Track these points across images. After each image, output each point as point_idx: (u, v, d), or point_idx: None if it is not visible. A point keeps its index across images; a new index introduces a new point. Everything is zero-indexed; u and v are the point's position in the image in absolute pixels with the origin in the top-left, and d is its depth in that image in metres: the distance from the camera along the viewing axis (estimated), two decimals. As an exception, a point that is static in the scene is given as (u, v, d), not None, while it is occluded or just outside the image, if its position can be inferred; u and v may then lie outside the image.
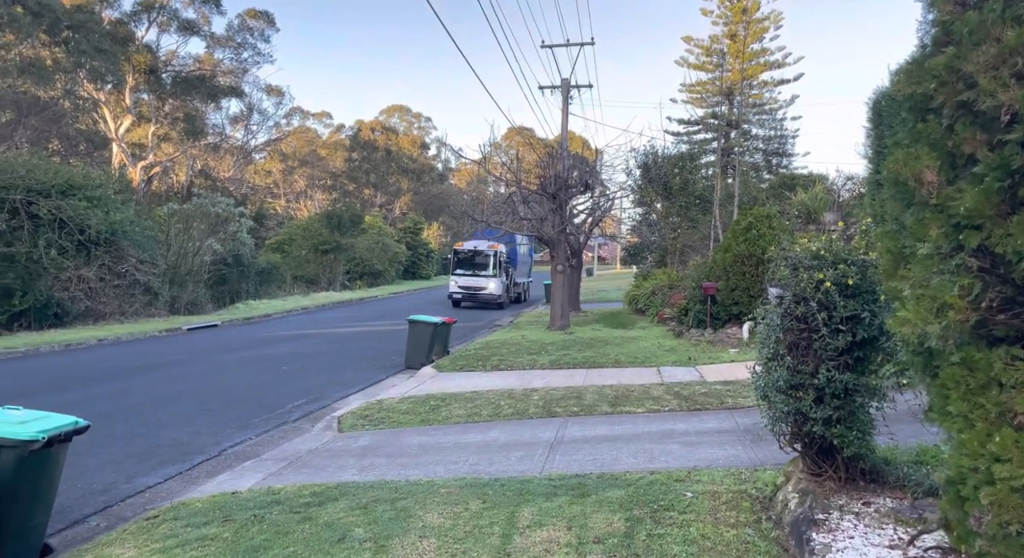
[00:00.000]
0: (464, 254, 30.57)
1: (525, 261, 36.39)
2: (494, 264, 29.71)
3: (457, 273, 30.16)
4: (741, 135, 42.01)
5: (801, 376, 4.43)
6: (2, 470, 4.49)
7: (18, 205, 19.71)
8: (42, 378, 12.19)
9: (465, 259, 30.40)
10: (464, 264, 30.28)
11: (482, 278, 29.53)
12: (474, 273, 29.80)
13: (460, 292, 29.59)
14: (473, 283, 29.50)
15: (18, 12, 29.71)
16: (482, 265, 29.97)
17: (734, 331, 15.14)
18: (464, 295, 29.32)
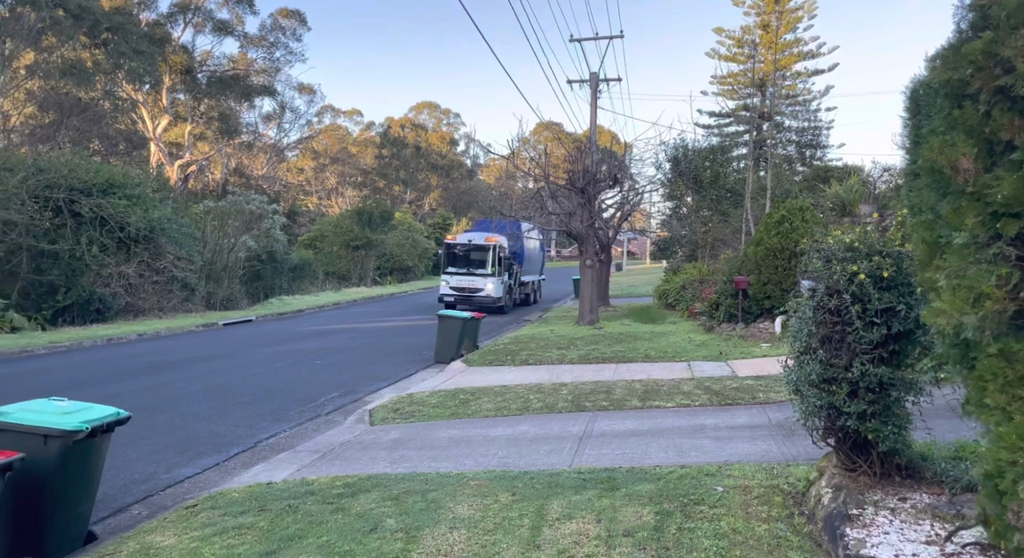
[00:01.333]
0: (457, 249, 25.90)
1: (534, 257, 31.15)
2: (493, 260, 24.97)
3: (449, 271, 25.57)
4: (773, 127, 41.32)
5: (834, 370, 4.37)
6: (48, 459, 4.66)
7: (61, 204, 20.32)
8: (85, 371, 12.57)
9: (458, 255, 25.79)
10: (457, 261, 25.67)
11: (478, 277, 24.94)
12: (469, 271, 25.20)
13: (452, 294, 25.03)
14: (467, 283, 24.93)
15: (60, 15, 30.54)
16: (478, 262, 25.28)
17: (766, 325, 14.93)
18: (457, 297, 24.79)
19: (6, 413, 4.76)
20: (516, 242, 27.35)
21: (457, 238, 26.60)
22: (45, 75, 33.74)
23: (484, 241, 25.37)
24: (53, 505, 4.75)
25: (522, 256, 28.09)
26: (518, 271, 27.73)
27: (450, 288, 25.20)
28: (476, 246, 25.56)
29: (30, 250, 19.56)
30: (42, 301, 19.97)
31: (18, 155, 23.92)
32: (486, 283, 24.80)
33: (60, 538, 4.86)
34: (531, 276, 30.27)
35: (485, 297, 24.44)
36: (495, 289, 24.86)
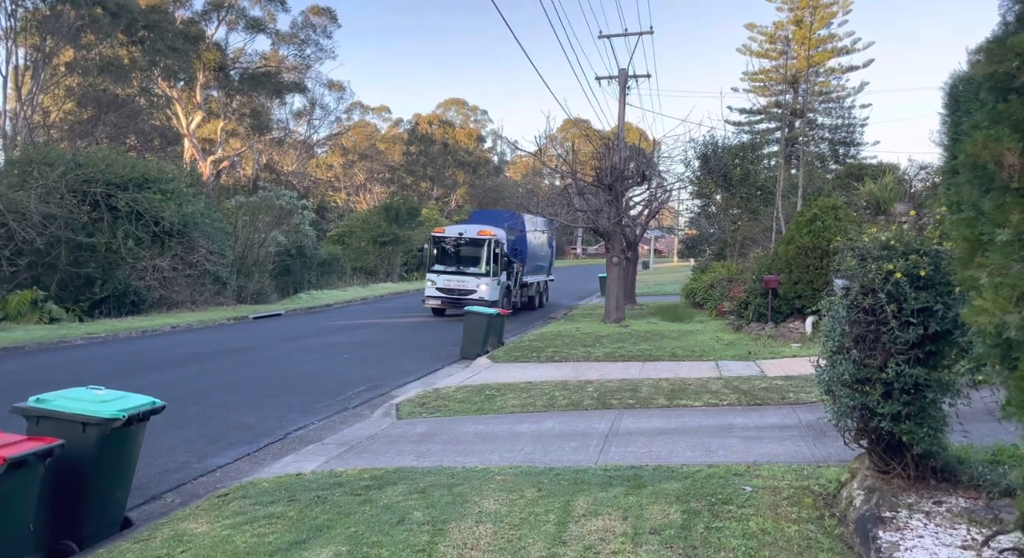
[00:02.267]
0: (445, 243, 22.16)
1: (540, 254, 26.73)
2: (488, 257, 21.23)
3: (435, 270, 21.77)
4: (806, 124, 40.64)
5: (868, 370, 4.29)
6: (86, 446, 4.77)
7: (99, 198, 20.81)
8: (121, 362, 12.87)
9: (446, 250, 22.03)
10: (445, 257, 21.97)
11: (470, 277, 21.23)
12: (459, 269, 21.51)
13: (439, 297, 21.44)
14: (457, 284, 21.30)
15: (98, 13, 31.25)
16: (470, 259, 21.63)
17: (796, 325, 14.72)
18: (444, 300, 21.40)
19: (46, 400, 4.89)
20: (518, 236, 24.02)
21: (446, 231, 22.81)
22: (84, 72, 34.56)
23: (477, 235, 21.79)
24: (91, 491, 4.87)
25: (524, 253, 24.22)
26: (519, 270, 23.82)
27: (436, 289, 21.53)
28: (468, 240, 21.90)
29: (68, 243, 20.07)
30: (80, 293, 20.47)
31: (58, 150, 24.57)
32: (479, 284, 21.10)
33: (97, 523, 4.98)
34: (536, 276, 26.17)
35: (478, 301, 20.35)
36: (489, 291, 21.07)
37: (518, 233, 23.94)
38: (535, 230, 25.54)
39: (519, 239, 23.99)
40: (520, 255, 23.91)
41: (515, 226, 23.73)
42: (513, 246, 23.36)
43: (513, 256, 23.24)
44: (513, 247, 23.32)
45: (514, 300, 23.66)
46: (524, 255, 24.14)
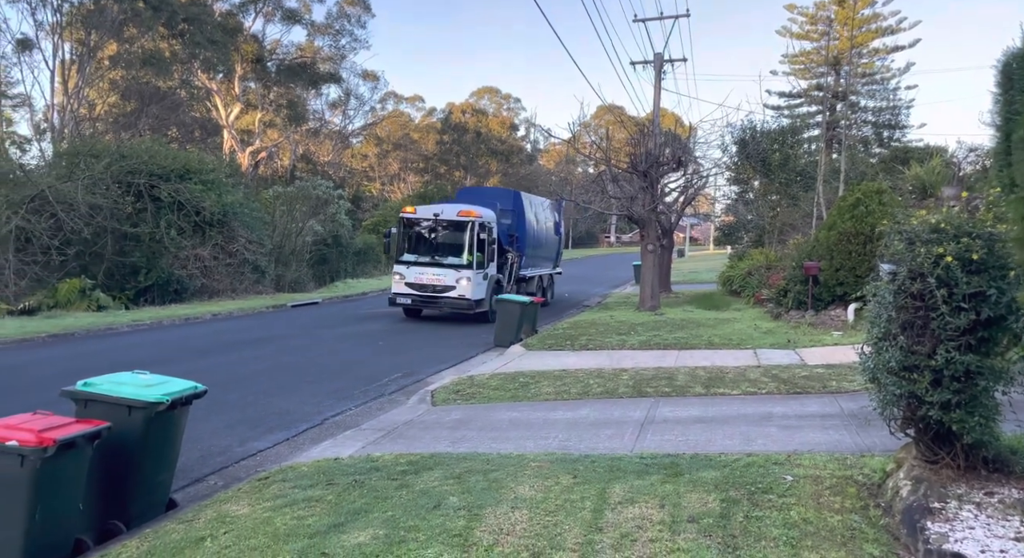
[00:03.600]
0: (418, 227, 17.97)
1: (544, 242, 22.21)
2: (471, 245, 17.22)
3: (405, 260, 17.66)
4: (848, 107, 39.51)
5: (916, 357, 4.15)
6: (132, 429, 4.90)
7: (142, 188, 21.34)
8: (165, 348, 13.21)
9: (420, 236, 17.95)
10: (418, 244, 17.89)
11: (447, 269, 17.18)
12: (434, 259, 17.48)
13: (409, 294, 17.43)
14: (432, 279, 17.27)
15: (140, 7, 31.94)
16: (448, 246, 17.66)
17: (838, 313, 14.38)
18: (416, 299, 17.47)
19: (93, 384, 5.02)
20: (514, 220, 19.82)
21: (418, 211, 18.44)
22: (127, 65, 35.38)
23: (457, 216, 17.55)
24: (137, 473, 5.00)
25: (522, 240, 19.90)
26: (515, 261, 19.49)
27: (406, 285, 17.45)
28: (445, 223, 17.73)
29: (114, 233, 20.64)
30: (125, 282, 21.07)
31: (103, 142, 25.26)
32: (459, 278, 17.02)
33: (143, 504, 5.12)
34: (538, 269, 21.64)
35: (457, 299, 16.98)
36: (472, 287, 17.00)
37: (514, 215, 19.84)
38: (537, 212, 21.59)
39: (516, 223, 19.83)
40: (517, 243, 19.70)
41: (510, 207, 19.79)
42: (507, 231, 19.45)
43: (507, 243, 19.31)
44: (507, 232, 19.43)
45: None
46: (522, 242, 19.89)
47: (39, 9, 31.65)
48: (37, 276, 19.00)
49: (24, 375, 10.55)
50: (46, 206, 19.47)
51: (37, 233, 18.95)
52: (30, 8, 31.56)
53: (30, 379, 10.21)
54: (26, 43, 32.54)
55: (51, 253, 19.06)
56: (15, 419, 4.37)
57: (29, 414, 4.49)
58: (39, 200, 19.53)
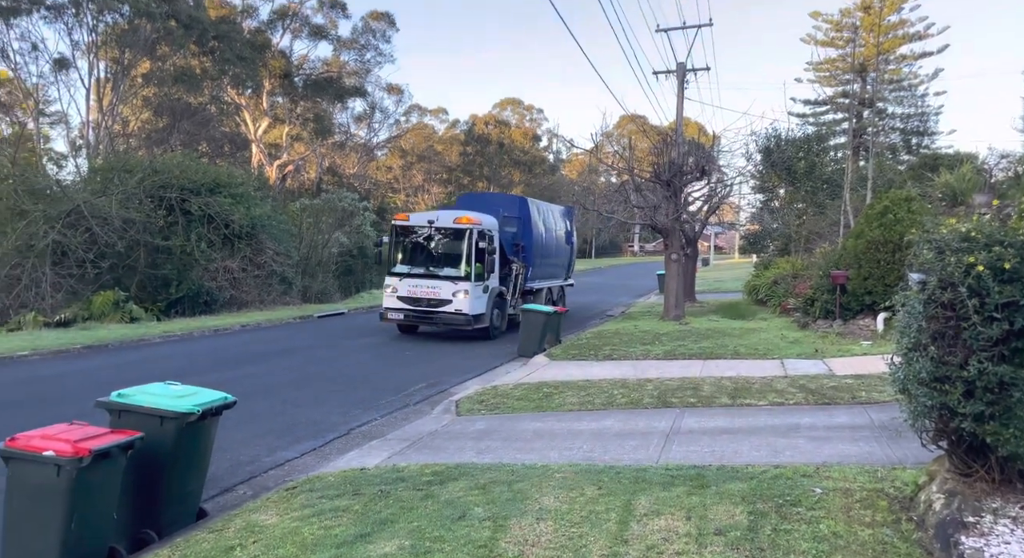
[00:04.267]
0: (411, 235, 16.73)
1: (554, 251, 20.63)
2: (469, 254, 15.89)
3: (397, 272, 16.48)
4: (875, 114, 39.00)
5: (947, 368, 4.08)
6: (164, 439, 4.99)
7: (173, 202, 21.80)
8: (195, 359, 13.44)
9: (414, 244, 16.71)
10: (412, 254, 16.68)
11: (443, 281, 15.93)
12: (428, 271, 16.28)
13: (402, 309, 16.22)
14: (426, 292, 15.98)
15: (172, 26, 32.75)
16: (444, 256, 16.44)
17: (867, 322, 14.14)
18: (410, 314, 16.25)
19: (127, 395, 5.13)
20: (519, 227, 18.33)
21: (411, 218, 17.09)
22: (159, 82, 36.25)
23: (453, 223, 16.22)
24: (168, 482, 5.09)
25: (529, 250, 18.33)
26: (520, 272, 18.04)
27: (398, 298, 16.19)
28: (441, 231, 16.42)
29: (146, 246, 21.08)
30: (157, 293, 21.49)
31: (136, 158, 25.87)
32: (455, 291, 15.71)
33: (174, 513, 5.21)
34: (547, 281, 20.08)
35: (454, 314, 15.70)
36: (470, 301, 15.68)
37: (519, 223, 18.36)
38: (546, 220, 20.04)
39: (522, 231, 18.32)
40: (523, 252, 18.22)
41: (515, 214, 18.39)
42: (512, 240, 18.01)
43: (512, 253, 17.90)
44: (512, 241, 17.99)
45: (513, 312, 17.57)
46: (529, 252, 18.35)
47: (76, 29, 32.63)
48: (73, 289, 19.48)
49: (60, 385, 10.81)
50: (81, 221, 19.98)
51: (73, 247, 19.44)
52: (67, 29, 32.55)
53: (66, 389, 10.47)
54: (63, 62, 33.52)
55: (86, 266, 19.53)
56: (52, 429, 4.48)
57: (65, 424, 4.60)
58: (75, 215, 20.05)
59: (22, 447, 4.26)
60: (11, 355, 13.01)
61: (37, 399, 9.70)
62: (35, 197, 20.59)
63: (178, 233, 21.67)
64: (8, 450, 4.28)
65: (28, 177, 21.53)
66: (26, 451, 4.24)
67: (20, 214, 19.73)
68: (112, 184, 21.35)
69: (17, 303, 18.67)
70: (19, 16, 31.42)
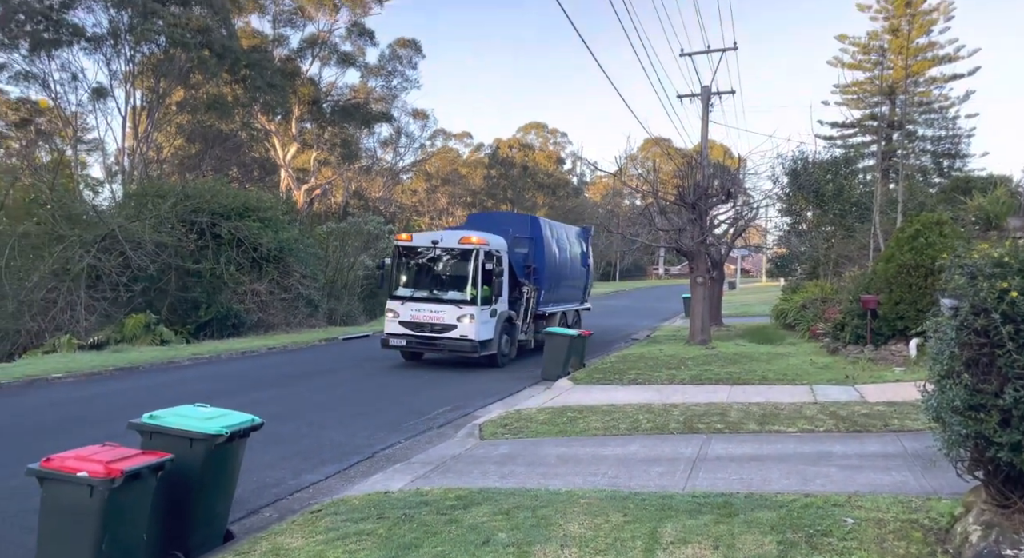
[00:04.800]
0: (414, 257, 16.07)
1: (569, 273, 19.83)
2: (476, 277, 15.06)
3: (399, 295, 15.73)
4: (905, 136, 38.57)
5: (982, 396, 3.99)
6: (193, 461, 5.05)
7: (204, 226, 22.26)
8: (223, 381, 13.62)
9: (416, 266, 16.06)
10: (416, 277, 15.97)
11: (447, 305, 15.15)
12: (432, 294, 15.51)
13: (405, 334, 15.41)
14: (429, 316, 15.22)
15: (206, 55, 33.75)
16: (449, 279, 15.67)
17: (899, 348, 13.86)
18: (412, 341, 15.40)
19: (158, 417, 5.22)
20: (531, 248, 17.40)
21: (414, 238, 16.28)
22: (192, 110, 37.28)
23: (459, 243, 15.42)
24: (197, 504, 5.14)
25: (541, 272, 17.46)
26: (532, 296, 17.25)
27: (399, 323, 15.44)
28: (446, 252, 15.70)
29: (177, 269, 21.52)
30: (187, 316, 21.87)
31: (169, 183, 26.55)
32: (460, 316, 14.93)
33: (203, 535, 5.25)
34: (561, 305, 19.31)
35: (459, 340, 14.92)
36: (476, 327, 14.89)
37: (531, 243, 17.46)
38: (559, 241, 19.14)
39: (533, 252, 17.42)
40: (535, 274, 17.33)
41: (526, 234, 17.53)
42: (523, 261, 17.21)
43: (523, 275, 17.07)
44: (523, 263, 17.19)
45: (524, 337, 17.10)
46: (541, 275, 17.46)
47: (114, 60, 33.80)
48: (106, 312, 19.91)
49: (93, 407, 11.02)
50: (116, 245, 20.48)
51: (107, 271, 19.91)
52: (106, 59, 33.75)
53: (98, 411, 10.66)
54: (101, 91, 34.69)
55: (119, 289, 19.96)
56: (85, 451, 4.57)
57: (98, 446, 4.69)
58: (109, 239, 20.57)
59: (57, 468, 4.35)
60: (46, 376, 13.30)
61: (71, 420, 9.90)
62: (72, 222, 21.17)
63: (208, 257, 22.09)
64: (43, 471, 4.37)
65: (66, 203, 22.16)
66: (60, 472, 4.32)
67: (57, 239, 20.29)
68: (146, 209, 21.89)
69: (52, 326, 19.11)
70: (60, 47, 32.68)
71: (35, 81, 33.64)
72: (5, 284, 19.38)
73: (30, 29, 31.60)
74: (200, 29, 33.09)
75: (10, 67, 33.10)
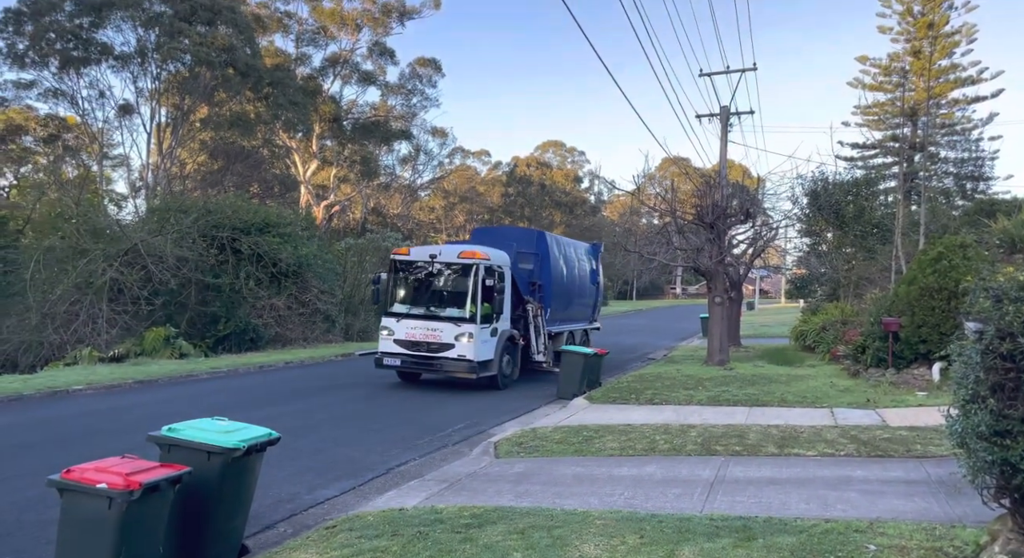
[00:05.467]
0: (411, 271, 15.32)
1: (577, 291, 19.04)
2: (475, 293, 14.29)
3: (395, 312, 14.99)
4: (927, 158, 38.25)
5: (1009, 422, 3.91)
6: (210, 475, 5.07)
7: (224, 242, 22.54)
8: (241, 395, 13.70)
9: (413, 282, 15.29)
10: (411, 292, 15.22)
11: (445, 323, 14.33)
12: (429, 311, 14.76)
13: (400, 353, 14.59)
14: (425, 335, 14.43)
15: (230, 73, 34.39)
16: (448, 295, 14.90)
17: (921, 372, 13.63)
18: (408, 360, 14.57)
19: (176, 430, 5.25)
20: (536, 265, 16.74)
21: (411, 252, 15.41)
22: (215, 127, 37.94)
23: (458, 258, 14.61)
24: (213, 517, 5.14)
25: (547, 289, 16.71)
26: (537, 313, 16.30)
27: (395, 342, 14.64)
28: (445, 267, 14.90)
29: (197, 284, 21.77)
30: (206, 330, 22.07)
31: (191, 198, 26.96)
32: (458, 334, 14.13)
33: (218, 549, 5.25)
34: (568, 324, 18.46)
35: (457, 360, 14.09)
36: (475, 346, 14.06)
37: (537, 259, 16.74)
38: (567, 257, 18.25)
39: (539, 268, 16.69)
40: (540, 292, 16.55)
41: (532, 250, 16.77)
42: (528, 278, 16.42)
43: (528, 293, 16.22)
44: (528, 280, 16.39)
45: (530, 355, 16.09)
46: (547, 292, 16.70)
47: (140, 77, 34.57)
48: (127, 325, 20.15)
49: (113, 419, 11.13)
50: (138, 259, 20.78)
51: (129, 284, 20.18)
52: (132, 77, 34.52)
53: (118, 423, 10.76)
54: (127, 108, 35.46)
55: (140, 303, 20.22)
56: (105, 462, 4.60)
57: (117, 458, 4.72)
58: (132, 253, 20.88)
59: (77, 479, 4.39)
60: (67, 389, 13.47)
61: (91, 432, 10.00)
62: (96, 236, 21.54)
63: (228, 271, 22.33)
64: (63, 482, 4.41)
65: (90, 217, 22.57)
66: (80, 483, 4.36)
67: (81, 253, 20.64)
68: (168, 224, 22.23)
69: (74, 338, 19.37)
70: (89, 65, 33.49)
71: (64, 98, 34.50)
72: (30, 297, 19.72)
73: (60, 47, 32.44)
74: (225, 48, 33.77)
75: (40, 84, 34.00)
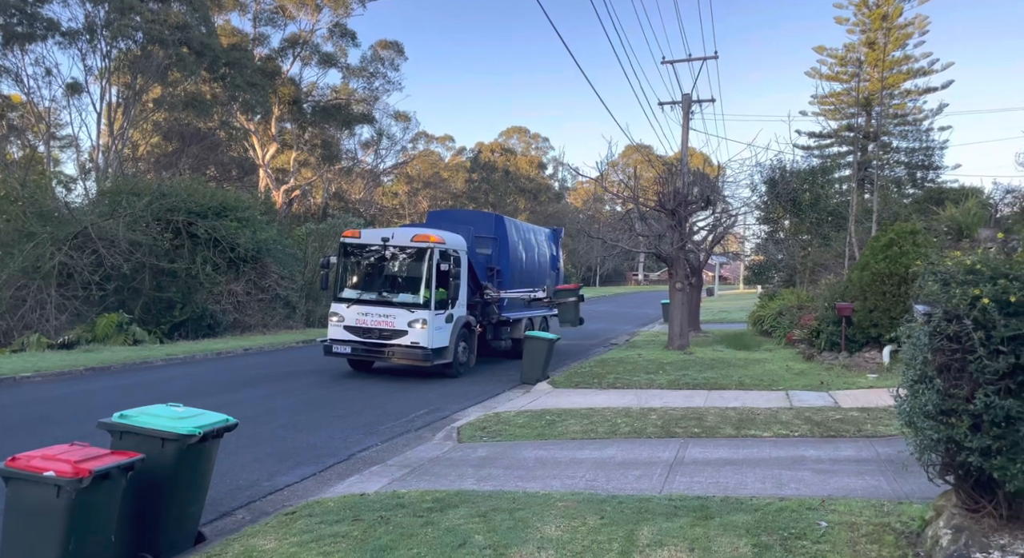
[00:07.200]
0: (362, 256, 14.59)
1: (537, 278, 18.24)
2: (429, 278, 13.74)
3: (344, 298, 14.34)
4: (880, 147, 39.26)
5: (954, 401, 4.06)
6: (164, 461, 4.96)
7: (180, 225, 21.96)
8: (198, 382, 13.41)
9: (364, 266, 14.61)
10: (362, 277, 14.56)
11: (397, 309, 13.76)
12: (381, 297, 14.12)
13: (350, 340, 13.98)
14: (377, 321, 13.83)
15: (184, 52, 33.31)
16: (401, 280, 14.31)
17: (872, 355, 14.08)
18: (358, 347, 13.97)
19: (128, 416, 5.11)
20: (494, 249, 16.42)
21: (362, 235, 14.81)
22: (170, 107, 36.76)
23: (411, 241, 14.06)
24: (168, 505, 5.04)
25: (505, 274, 16.45)
26: (494, 300, 15.99)
27: (345, 328, 14.02)
28: (397, 250, 14.24)
29: (152, 269, 21.19)
30: (161, 316, 21.53)
31: (145, 181, 26.13)
32: (412, 321, 13.59)
33: (173, 537, 5.15)
34: (526, 310, 17.73)
35: (409, 347, 13.56)
36: (428, 333, 13.55)
37: (495, 244, 16.39)
38: (526, 242, 17.89)
39: (497, 253, 16.38)
40: (498, 277, 16.26)
41: (490, 234, 16.39)
42: (486, 263, 16.07)
43: (485, 278, 15.86)
44: (485, 265, 16.04)
45: (476, 345, 15.65)
46: (505, 277, 16.36)
47: (89, 55, 33.25)
48: (77, 311, 19.53)
49: (63, 407, 10.79)
50: (88, 243, 20.11)
51: (79, 269, 19.53)
52: (81, 54, 33.17)
53: (68, 411, 10.44)
54: (75, 87, 34.07)
55: (91, 288, 19.60)
56: (53, 450, 4.46)
57: (66, 445, 4.58)
58: (82, 237, 20.19)
59: (22, 467, 4.24)
60: (14, 376, 13.00)
61: (39, 420, 9.68)
62: (43, 219, 20.75)
63: (184, 256, 21.78)
64: (8, 470, 4.26)
65: (37, 199, 21.71)
66: (26, 471, 4.22)
67: (28, 236, 19.87)
68: (120, 207, 21.54)
69: (21, 325, 18.71)
70: (34, 42, 32.05)
71: (7, 75, 32.97)
72: (-27, 281, 18.95)
73: (3, 22, 30.97)
74: (179, 26, 32.67)
75: (-19, 61, 32.41)
